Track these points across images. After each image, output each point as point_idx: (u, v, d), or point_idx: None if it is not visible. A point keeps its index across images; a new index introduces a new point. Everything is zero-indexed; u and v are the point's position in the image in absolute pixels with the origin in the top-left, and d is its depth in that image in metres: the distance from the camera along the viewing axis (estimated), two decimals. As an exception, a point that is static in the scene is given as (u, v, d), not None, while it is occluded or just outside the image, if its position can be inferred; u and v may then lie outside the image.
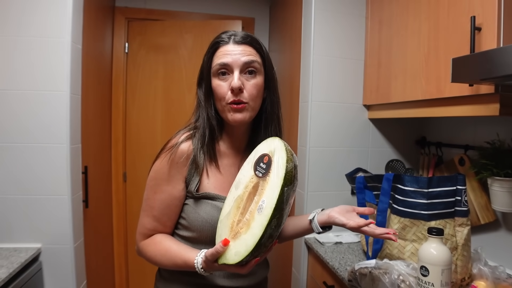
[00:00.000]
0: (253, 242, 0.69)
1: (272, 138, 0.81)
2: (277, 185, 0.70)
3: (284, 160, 0.72)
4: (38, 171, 1.48)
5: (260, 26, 2.51)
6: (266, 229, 0.69)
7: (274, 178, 0.72)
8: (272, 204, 0.69)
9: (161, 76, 2.36)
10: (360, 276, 1.16)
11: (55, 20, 1.46)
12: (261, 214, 0.70)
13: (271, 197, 0.70)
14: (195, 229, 0.89)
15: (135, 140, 2.38)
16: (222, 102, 0.87)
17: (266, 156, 0.77)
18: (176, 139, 0.91)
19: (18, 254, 1.39)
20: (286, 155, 0.73)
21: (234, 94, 0.85)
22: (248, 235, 0.71)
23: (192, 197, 0.90)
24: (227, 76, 0.87)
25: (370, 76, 1.71)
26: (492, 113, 1.05)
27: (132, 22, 2.34)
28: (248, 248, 0.70)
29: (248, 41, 0.89)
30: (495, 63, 0.83)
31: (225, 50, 0.87)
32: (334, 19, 1.71)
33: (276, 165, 0.74)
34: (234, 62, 0.85)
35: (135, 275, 2.43)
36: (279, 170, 0.72)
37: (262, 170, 0.76)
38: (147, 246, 0.91)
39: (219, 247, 0.73)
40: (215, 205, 0.88)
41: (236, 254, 0.72)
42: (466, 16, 1.11)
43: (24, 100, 1.46)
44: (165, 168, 0.88)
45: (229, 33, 0.90)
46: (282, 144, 0.76)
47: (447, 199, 1.18)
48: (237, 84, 0.84)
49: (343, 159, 1.76)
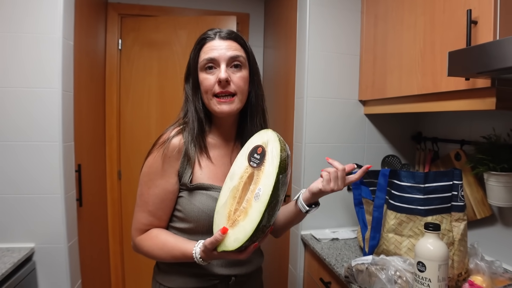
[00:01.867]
0: (252, 228, 0.74)
1: (265, 130, 0.85)
2: (273, 173, 0.75)
3: (278, 150, 0.77)
4: (30, 170, 1.45)
5: (255, 21, 2.49)
6: (263, 214, 0.73)
7: (269, 167, 0.76)
8: (268, 191, 0.74)
9: (155, 73, 2.34)
10: (356, 272, 1.16)
11: (46, 16, 1.43)
12: (258, 201, 0.75)
13: (267, 184, 0.75)
14: (192, 220, 0.91)
15: (129, 138, 2.36)
16: (208, 95, 0.91)
17: (260, 147, 0.81)
18: (167, 134, 0.93)
19: (11, 254, 1.37)
20: (280, 145, 0.78)
21: (221, 86, 0.89)
22: (246, 222, 0.75)
23: (186, 189, 0.92)
24: (213, 70, 0.91)
25: (366, 71, 1.70)
26: (489, 107, 1.04)
27: (125, 18, 2.31)
28: (247, 233, 0.74)
29: (233, 37, 0.94)
30: (492, 56, 0.82)
31: (211, 46, 0.91)
32: (329, 14, 1.69)
33: (270, 155, 0.78)
34: (221, 56, 0.90)
35: (131, 273, 2.41)
36: (273, 159, 0.77)
37: (256, 160, 0.80)
38: (144, 241, 0.93)
39: (218, 235, 0.77)
40: (209, 195, 0.91)
41: (235, 240, 0.75)
42: (462, 9, 1.10)
43: (15, 97, 1.43)
44: (158, 163, 0.91)
45: (215, 30, 0.95)
46: (275, 135, 0.81)
47: (443, 194, 1.17)
48: (224, 76, 0.88)
49: (339, 155, 1.75)
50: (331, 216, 1.77)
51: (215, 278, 0.95)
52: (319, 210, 1.72)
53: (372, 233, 1.31)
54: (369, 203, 1.39)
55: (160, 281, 0.98)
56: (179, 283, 0.95)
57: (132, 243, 0.97)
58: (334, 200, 1.76)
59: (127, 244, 2.38)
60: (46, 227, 1.48)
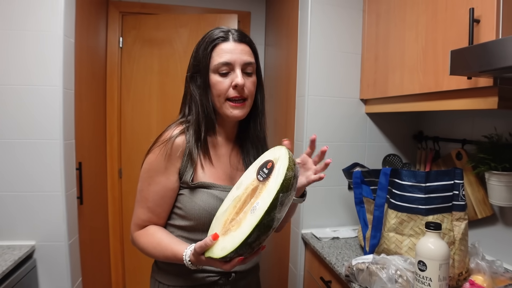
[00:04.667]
0: (240, 240, 0.72)
1: (279, 147, 0.84)
2: (273, 190, 0.73)
3: (285, 168, 0.75)
4: (31, 168, 1.45)
5: (256, 20, 2.48)
6: (254, 229, 0.71)
7: (272, 184, 0.75)
8: (264, 206, 0.71)
9: (156, 71, 2.33)
10: (357, 271, 1.16)
11: (47, 14, 1.43)
12: (253, 214, 0.73)
13: (265, 200, 0.73)
14: (193, 218, 0.92)
15: (130, 136, 2.36)
16: (221, 98, 0.91)
17: (270, 162, 0.81)
18: (169, 133, 0.92)
19: (12, 252, 1.37)
20: (288, 163, 0.76)
21: (237, 91, 0.90)
22: (237, 233, 0.74)
23: (188, 187, 0.92)
24: (228, 73, 0.90)
25: (367, 70, 1.69)
26: (491, 106, 1.04)
27: (126, 16, 2.30)
28: (234, 244, 0.72)
29: (246, 41, 0.94)
30: (494, 55, 0.81)
31: (226, 48, 0.90)
32: (331, 12, 1.69)
33: (276, 171, 0.77)
34: (236, 60, 0.90)
35: (132, 271, 2.42)
36: (278, 176, 0.75)
37: (264, 174, 0.80)
38: (141, 237, 0.94)
39: (208, 240, 0.76)
40: (211, 193, 0.92)
41: (222, 249, 0.74)
42: (464, 8, 1.10)
43: (16, 95, 1.43)
44: (159, 161, 0.90)
45: (226, 30, 0.93)
46: (287, 153, 0.79)
47: (444, 193, 1.17)
48: (242, 82, 0.88)
49: (340, 154, 1.75)
50: (332, 215, 1.77)
51: (215, 275, 0.95)
52: (320, 209, 1.73)
53: (373, 232, 1.31)
54: (370, 202, 1.39)
55: (159, 279, 0.97)
56: (178, 281, 0.95)
57: (131, 237, 0.98)
58: (335, 199, 1.76)
59: (127, 242, 2.38)
60: (46, 225, 1.48)
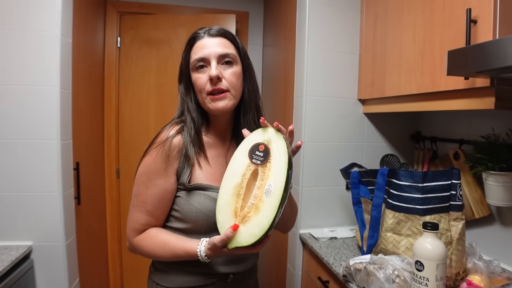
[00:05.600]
0: (268, 222, 0.75)
1: (265, 128, 0.85)
2: (283, 169, 0.77)
3: (285, 147, 0.79)
4: (28, 168, 1.45)
5: (254, 20, 2.48)
6: (278, 209, 0.75)
7: (278, 164, 0.78)
8: (281, 186, 0.76)
9: (154, 71, 2.33)
10: (355, 271, 1.16)
11: (44, 14, 1.43)
12: (270, 196, 0.76)
13: (278, 180, 0.77)
14: (190, 220, 0.91)
15: (128, 136, 2.35)
16: (202, 94, 0.91)
17: (261, 145, 0.82)
18: (164, 133, 0.92)
19: (9, 252, 1.37)
20: (285, 143, 0.80)
21: (213, 84, 0.89)
22: (260, 217, 0.76)
23: (184, 189, 0.92)
24: (205, 68, 0.91)
25: (365, 70, 1.69)
26: (488, 106, 1.04)
27: (124, 16, 2.30)
28: (263, 228, 0.75)
29: (222, 33, 0.93)
30: (491, 55, 0.82)
31: (201, 44, 0.91)
32: (328, 13, 1.69)
33: (277, 152, 0.80)
34: (210, 54, 0.90)
35: (129, 271, 2.41)
36: (281, 156, 0.79)
37: (260, 158, 0.81)
38: (142, 241, 0.92)
39: (229, 233, 0.77)
40: (208, 195, 0.91)
41: (250, 236, 0.76)
42: (461, 8, 1.10)
43: (13, 95, 1.43)
44: (157, 163, 0.90)
45: (204, 29, 0.94)
46: (278, 133, 0.82)
47: (442, 193, 1.17)
48: (215, 73, 0.87)
49: (337, 154, 1.75)
50: (330, 215, 1.77)
51: (214, 276, 0.94)
52: (318, 209, 1.73)
53: (371, 232, 1.31)
54: (368, 202, 1.39)
55: (157, 281, 0.96)
56: (177, 283, 0.94)
57: (128, 243, 0.95)
58: (333, 199, 1.76)
59: (125, 242, 2.36)
60: (44, 225, 1.47)
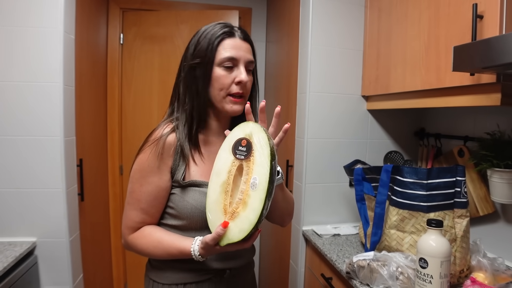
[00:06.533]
0: (256, 216, 0.75)
1: (245, 123, 0.85)
2: (266, 161, 0.77)
3: (266, 139, 0.79)
4: (32, 164, 1.46)
5: (257, 16, 2.47)
6: (265, 201, 0.75)
7: (260, 156, 0.78)
8: (266, 178, 0.76)
9: (156, 67, 2.33)
10: (358, 268, 1.16)
11: (47, 10, 1.42)
12: (256, 190, 0.76)
13: (262, 173, 0.77)
14: (185, 217, 0.91)
15: (131, 132, 2.35)
16: (222, 92, 0.90)
17: (243, 140, 0.82)
18: (159, 131, 0.92)
19: (13, 248, 1.38)
20: (266, 134, 0.80)
21: (240, 87, 0.90)
22: (248, 212, 0.76)
23: (179, 186, 0.91)
24: (232, 68, 0.91)
25: (369, 66, 1.68)
26: (494, 103, 1.03)
27: (127, 13, 2.29)
28: (252, 222, 0.75)
29: (249, 40, 0.96)
30: (497, 50, 0.81)
31: (234, 44, 0.91)
32: (332, 8, 1.68)
33: (258, 144, 0.79)
34: (242, 57, 0.91)
35: (133, 267, 2.42)
36: (263, 148, 0.78)
37: (243, 152, 0.81)
38: (136, 239, 0.92)
39: (219, 230, 0.77)
40: (203, 191, 0.90)
41: (240, 231, 0.76)
42: (468, 3, 1.09)
43: (16, 91, 1.43)
44: (151, 160, 0.90)
45: (235, 28, 0.94)
46: (258, 126, 0.82)
47: (446, 190, 1.16)
48: (247, 79, 0.90)
49: (341, 150, 1.74)
50: (333, 212, 1.77)
51: (210, 272, 0.94)
52: (321, 206, 1.73)
53: (374, 229, 1.30)
54: (371, 199, 1.39)
55: (154, 278, 0.97)
56: (173, 279, 0.94)
57: (123, 241, 0.95)
58: (336, 196, 1.76)
59: (128, 238, 2.38)
60: (47, 221, 1.48)
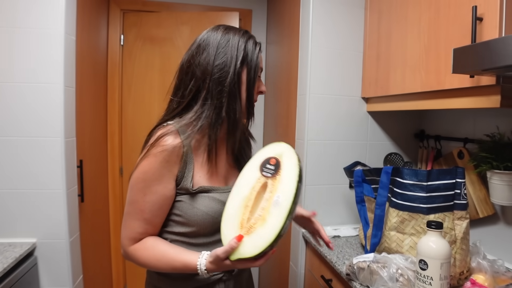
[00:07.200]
0: (274, 234, 0.75)
1: (278, 143, 0.88)
2: (293, 181, 0.78)
3: (296, 160, 0.82)
4: (32, 165, 1.46)
5: (257, 18, 2.47)
6: (285, 221, 0.75)
7: (288, 176, 0.80)
8: (290, 197, 0.76)
9: (157, 68, 2.33)
10: (358, 269, 1.15)
11: (48, 11, 1.43)
12: (278, 207, 0.77)
13: (287, 191, 0.77)
14: (195, 224, 0.89)
15: (131, 134, 2.35)
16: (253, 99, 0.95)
17: (273, 159, 0.85)
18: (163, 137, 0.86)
19: (13, 249, 1.38)
20: (297, 157, 0.83)
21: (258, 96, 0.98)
22: (266, 228, 0.76)
23: (187, 193, 0.89)
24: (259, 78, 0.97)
25: (369, 68, 1.68)
26: (493, 105, 1.03)
27: (128, 14, 2.30)
28: (269, 239, 0.75)
29: None
30: (497, 53, 0.81)
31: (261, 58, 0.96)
32: (332, 10, 1.68)
33: (288, 164, 0.82)
34: None
35: (132, 269, 2.42)
36: (292, 168, 0.80)
37: (271, 170, 0.83)
38: (138, 251, 0.88)
39: (233, 243, 0.75)
40: (212, 197, 0.90)
41: (254, 247, 0.75)
42: (467, 6, 1.09)
43: (17, 92, 1.43)
44: (156, 168, 0.85)
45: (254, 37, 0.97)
46: (290, 147, 0.86)
47: (446, 192, 1.16)
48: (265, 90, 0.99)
49: (341, 152, 1.74)
50: (333, 214, 1.77)
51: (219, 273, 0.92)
52: (321, 207, 1.73)
53: (374, 231, 1.30)
54: (371, 200, 1.39)
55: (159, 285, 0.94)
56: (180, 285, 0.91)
57: (123, 251, 0.90)
58: (336, 198, 1.76)
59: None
60: (47, 222, 1.48)
